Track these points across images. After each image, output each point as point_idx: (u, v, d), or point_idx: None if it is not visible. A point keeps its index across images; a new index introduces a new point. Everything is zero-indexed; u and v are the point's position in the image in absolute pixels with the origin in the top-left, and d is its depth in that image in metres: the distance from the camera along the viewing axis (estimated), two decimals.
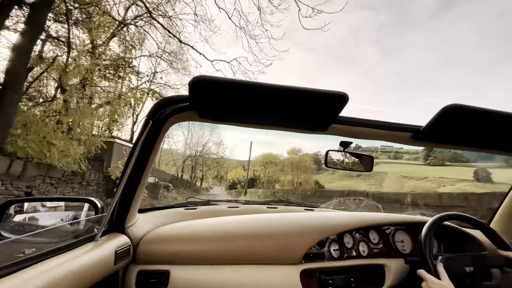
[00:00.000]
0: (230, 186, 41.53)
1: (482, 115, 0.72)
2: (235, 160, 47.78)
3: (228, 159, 38.17)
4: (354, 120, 0.85)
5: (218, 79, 0.64)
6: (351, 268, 1.13)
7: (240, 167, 45.20)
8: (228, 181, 43.26)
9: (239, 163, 46.96)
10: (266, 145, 68.63)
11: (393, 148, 26.86)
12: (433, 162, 27.98)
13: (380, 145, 19.59)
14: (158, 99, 0.88)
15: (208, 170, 37.78)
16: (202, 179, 39.61)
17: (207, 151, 33.83)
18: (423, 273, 0.93)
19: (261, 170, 40.09)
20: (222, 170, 41.73)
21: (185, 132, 33.06)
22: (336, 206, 1.94)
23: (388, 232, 1.27)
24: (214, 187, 41.41)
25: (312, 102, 0.69)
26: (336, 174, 43.49)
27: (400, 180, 29.12)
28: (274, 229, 1.13)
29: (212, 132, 35.14)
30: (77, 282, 0.68)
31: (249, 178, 35.83)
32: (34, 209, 1.08)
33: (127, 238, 0.95)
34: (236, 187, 40.36)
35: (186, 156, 34.72)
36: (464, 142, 0.91)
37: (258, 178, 39.06)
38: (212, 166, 37.75)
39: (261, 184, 36.54)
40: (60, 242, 0.75)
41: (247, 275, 1.01)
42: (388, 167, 27.01)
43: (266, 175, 38.63)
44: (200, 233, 1.09)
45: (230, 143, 75.29)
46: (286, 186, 33.53)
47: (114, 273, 0.90)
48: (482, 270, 1.01)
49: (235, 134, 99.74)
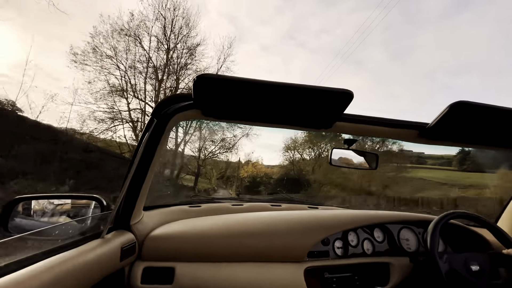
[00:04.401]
0: (248, 188, 22.17)
1: (490, 112, 0.71)
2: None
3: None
4: (359, 118, 0.84)
5: (222, 77, 0.64)
6: (356, 266, 1.13)
7: (259, 159, 25.85)
8: (240, 180, 24.88)
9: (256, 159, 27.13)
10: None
11: (413, 152, 22.97)
12: (470, 167, 24.94)
13: (397, 148, 16.51)
14: (163, 98, 0.88)
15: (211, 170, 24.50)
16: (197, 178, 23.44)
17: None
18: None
19: (309, 160, 21.09)
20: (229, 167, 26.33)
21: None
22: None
23: (393, 231, 1.26)
24: (219, 191, 25.87)
25: (317, 100, 0.69)
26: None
27: (439, 187, 23.78)
28: (278, 227, 1.13)
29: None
30: (84, 278, 0.69)
31: (284, 176, 20.53)
32: (41, 207, 1.10)
33: (133, 235, 0.96)
34: (258, 189, 20.92)
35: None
36: (472, 139, 0.90)
37: (303, 174, 20.15)
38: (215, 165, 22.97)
39: (313, 187, 18.41)
40: (67, 239, 0.76)
41: (251, 272, 1.02)
42: (422, 173, 24.89)
43: (321, 169, 19.61)
44: (204, 230, 1.09)
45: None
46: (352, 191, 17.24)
47: (120, 269, 0.91)
48: (489, 269, 0.99)
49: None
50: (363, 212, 1.34)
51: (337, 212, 1.41)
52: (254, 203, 1.56)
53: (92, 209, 1.11)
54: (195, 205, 1.41)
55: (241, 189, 23.44)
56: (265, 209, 1.48)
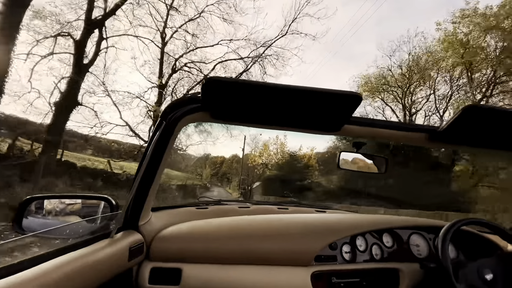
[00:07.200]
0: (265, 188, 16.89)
1: (502, 115, 0.69)
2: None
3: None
4: (367, 121, 0.83)
5: (230, 80, 0.65)
6: (364, 271, 1.11)
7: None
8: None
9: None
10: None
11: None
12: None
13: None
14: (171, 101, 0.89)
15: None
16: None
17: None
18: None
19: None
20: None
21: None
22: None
23: (403, 236, 1.23)
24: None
25: (325, 103, 0.69)
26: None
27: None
28: (285, 230, 1.12)
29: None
30: (92, 277, 0.71)
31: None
32: (53, 206, 1.13)
33: (141, 236, 0.97)
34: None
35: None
36: (483, 143, 0.88)
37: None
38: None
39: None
40: (77, 238, 0.78)
41: (257, 275, 1.01)
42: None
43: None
44: (211, 232, 1.10)
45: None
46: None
47: (128, 269, 0.92)
48: (504, 277, 0.96)
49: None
50: (372, 217, 1.32)
51: (345, 216, 1.39)
52: (261, 206, 1.55)
53: (102, 209, 1.13)
54: (202, 207, 1.42)
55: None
56: (272, 212, 1.48)
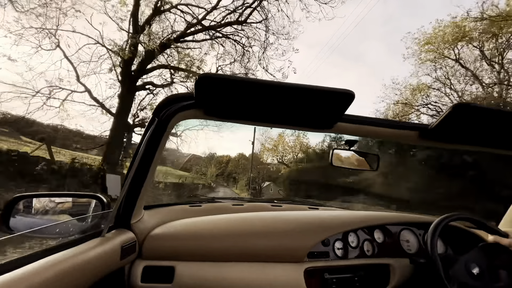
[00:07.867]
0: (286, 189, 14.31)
1: (492, 114, 0.71)
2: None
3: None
4: (360, 119, 0.84)
5: (224, 77, 0.65)
6: (356, 267, 1.13)
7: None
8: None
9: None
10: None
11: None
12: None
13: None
14: (164, 97, 0.88)
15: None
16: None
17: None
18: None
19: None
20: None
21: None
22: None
23: (393, 232, 1.26)
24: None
25: (318, 100, 0.69)
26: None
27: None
28: (278, 227, 1.13)
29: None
30: (84, 276, 0.70)
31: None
32: (42, 205, 1.10)
33: (133, 234, 0.96)
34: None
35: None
36: (473, 141, 0.90)
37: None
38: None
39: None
40: (67, 237, 0.76)
41: (251, 272, 1.02)
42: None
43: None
44: (204, 230, 1.09)
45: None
46: None
47: (120, 268, 0.91)
48: (490, 271, 0.99)
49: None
50: (364, 213, 1.33)
51: (338, 213, 1.40)
52: (254, 203, 1.56)
53: (93, 208, 1.11)
54: (196, 205, 1.41)
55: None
56: (265, 209, 1.49)
